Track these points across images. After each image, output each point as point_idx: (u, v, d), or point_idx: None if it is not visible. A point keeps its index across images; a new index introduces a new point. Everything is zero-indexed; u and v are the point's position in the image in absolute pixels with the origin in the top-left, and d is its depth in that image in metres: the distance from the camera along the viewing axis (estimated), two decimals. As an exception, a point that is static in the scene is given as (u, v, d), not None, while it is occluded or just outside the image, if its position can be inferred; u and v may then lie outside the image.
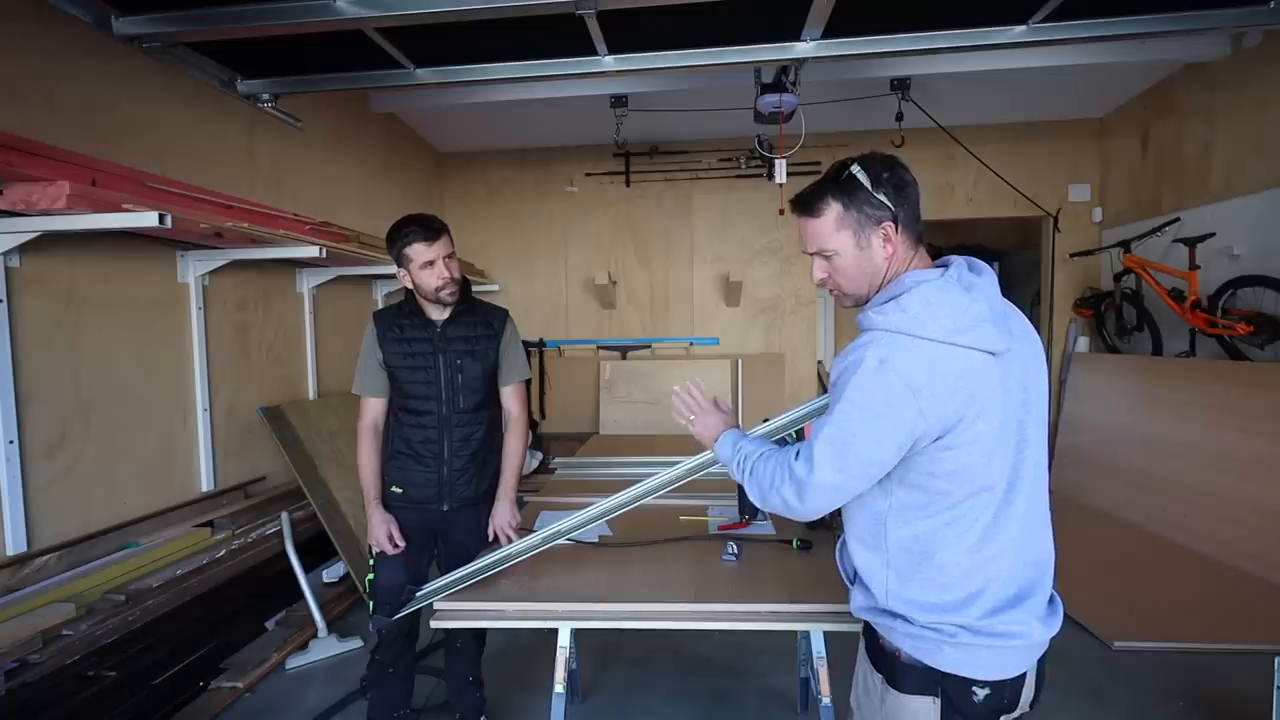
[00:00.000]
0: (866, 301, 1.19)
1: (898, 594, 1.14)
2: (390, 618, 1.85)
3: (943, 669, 1.10)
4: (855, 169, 1.12)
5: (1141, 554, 3.66)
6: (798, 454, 1.16)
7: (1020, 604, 1.11)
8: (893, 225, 1.13)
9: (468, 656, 2.20)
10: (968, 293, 1.08)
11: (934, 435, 1.06)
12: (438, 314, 1.99)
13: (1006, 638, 1.09)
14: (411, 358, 1.97)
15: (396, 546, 1.96)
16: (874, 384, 1.06)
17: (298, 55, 2.77)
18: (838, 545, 1.32)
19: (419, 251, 1.87)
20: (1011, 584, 1.12)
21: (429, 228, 1.88)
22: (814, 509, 1.15)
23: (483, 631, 2.23)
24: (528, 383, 2.18)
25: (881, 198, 1.11)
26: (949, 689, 1.11)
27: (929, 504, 1.11)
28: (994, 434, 1.07)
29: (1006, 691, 1.11)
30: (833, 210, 1.14)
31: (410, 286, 1.95)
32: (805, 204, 1.17)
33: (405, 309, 2.01)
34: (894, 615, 1.15)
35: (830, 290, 1.24)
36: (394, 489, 2.02)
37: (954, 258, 1.17)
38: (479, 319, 2.05)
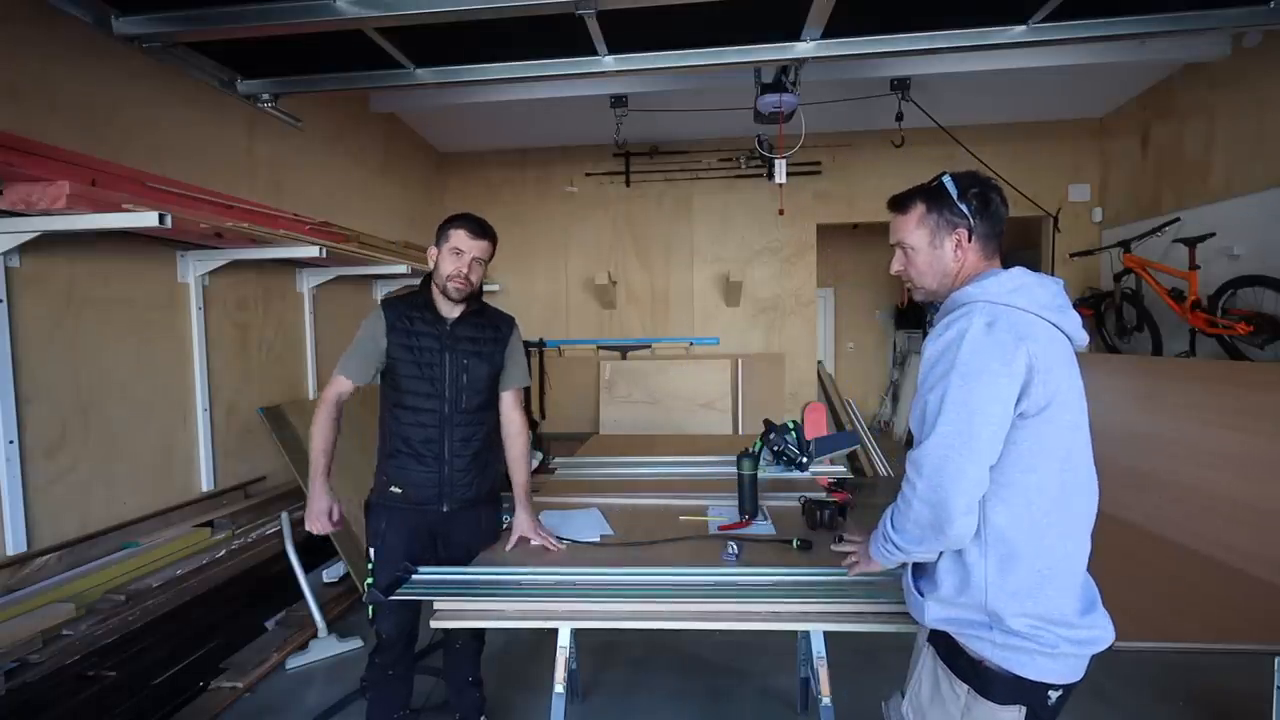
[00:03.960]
0: (936, 299, 1.30)
1: (999, 586, 1.13)
2: (386, 596, 1.82)
3: (1032, 678, 1.13)
4: (945, 179, 1.27)
5: (1141, 554, 3.65)
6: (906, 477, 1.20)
7: (1095, 607, 1.18)
8: (966, 233, 1.25)
9: (467, 656, 2.20)
10: (1055, 283, 1.21)
11: (1034, 404, 1.10)
12: (449, 311, 1.99)
13: (1090, 644, 1.15)
14: (416, 352, 1.96)
15: (335, 525, 1.94)
16: (986, 343, 1.11)
17: (298, 55, 2.77)
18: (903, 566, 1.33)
19: (458, 237, 1.92)
20: (1090, 586, 1.19)
21: (481, 227, 1.95)
22: (955, 501, 1.11)
23: (482, 631, 2.22)
24: (526, 389, 2.19)
25: (963, 207, 1.24)
26: (1030, 695, 1.14)
27: (1014, 483, 1.13)
28: (1077, 424, 1.15)
29: (1070, 692, 1.17)
30: (917, 210, 1.28)
31: (432, 266, 1.98)
32: (897, 201, 1.33)
33: (417, 301, 2.00)
34: (988, 625, 1.15)
35: (905, 282, 1.36)
36: (393, 489, 2.00)
37: None
38: (487, 322, 2.05)
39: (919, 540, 1.19)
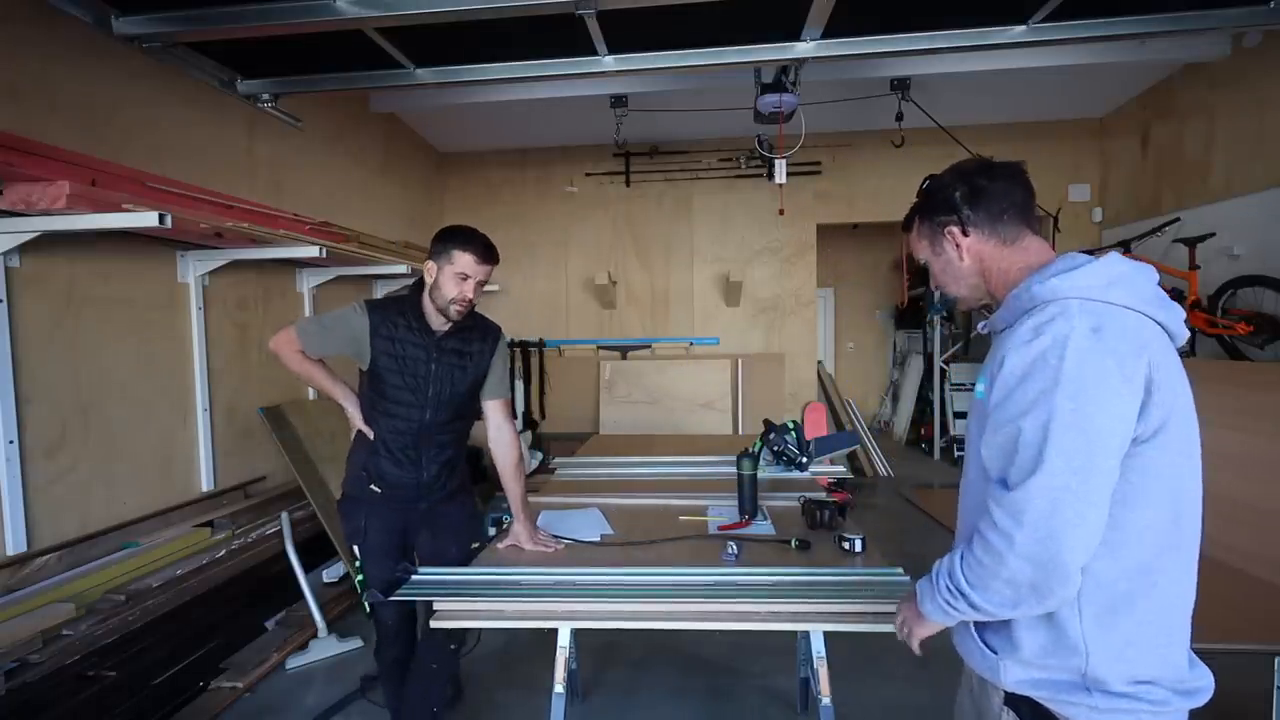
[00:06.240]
0: (978, 303, 1.16)
1: (1101, 646, 0.94)
2: (385, 596, 1.82)
3: None
4: (926, 183, 1.15)
5: (1141, 554, 3.66)
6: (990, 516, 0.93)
7: (1194, 657, 1.01)
8: (958, 229, 1.09)
9: (437, 683, 2.07)
10: (1151, 271, 1.00)
11: (1149, 426, 0.91)
12: (439, 324, 1.94)
13: (1198, 695, 0.97)
14: (402, 361, 1.91)
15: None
16: (1097, 352, 0.89)
17: (298, 55, 2.77)
18: (962, 625, 1.09)
19: (465, 262, 1.85)
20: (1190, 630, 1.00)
21: (489, 250, 1.89)
22: (1071, 557, 0.87)
23: (457, 658, 2.15)
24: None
25: (946, 204, 1.10)
26: None
27: (1119, 523, 0.92)
28: (1190, 444, 0.96)
29: None
30: (916, 222, 1.18)
31: (429, 281, 1.90)
32: (905, 222, 1.22)
33: (405, 308, 1.93)
34: (1084, 689, 0.95)
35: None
36: (373, 487, 1.99)
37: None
38: (475, 334, 2.01)
39: (1011, 604, 0.93)
